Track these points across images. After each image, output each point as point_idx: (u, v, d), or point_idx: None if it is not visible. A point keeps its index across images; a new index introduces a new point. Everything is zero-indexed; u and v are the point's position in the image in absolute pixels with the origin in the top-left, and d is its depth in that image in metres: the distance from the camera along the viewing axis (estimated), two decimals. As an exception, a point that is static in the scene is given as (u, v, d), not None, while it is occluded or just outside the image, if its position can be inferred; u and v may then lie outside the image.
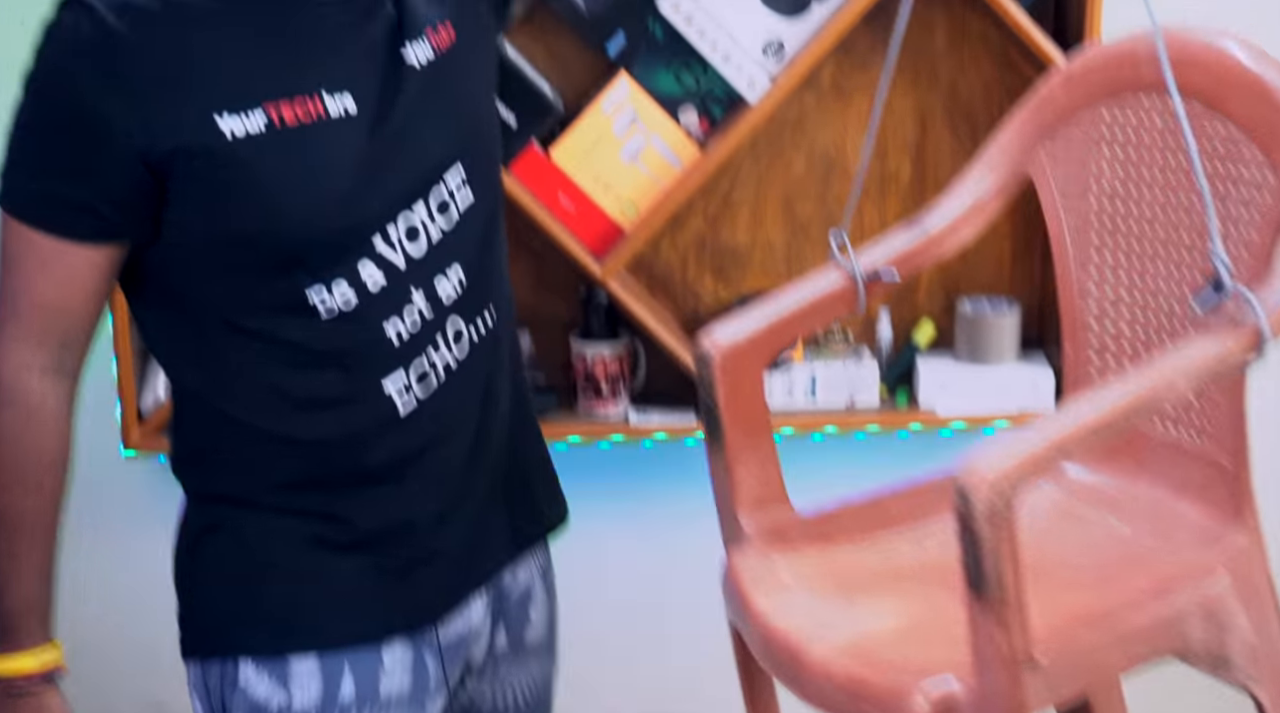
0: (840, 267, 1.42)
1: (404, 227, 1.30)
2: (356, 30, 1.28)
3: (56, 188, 1.22)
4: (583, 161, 2.04)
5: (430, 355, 1.34)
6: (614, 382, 2.13)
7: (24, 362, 1.27)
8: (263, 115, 1.23)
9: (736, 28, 2.00)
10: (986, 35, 2.11)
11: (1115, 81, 1.38)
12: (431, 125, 1.31)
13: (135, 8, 1.21)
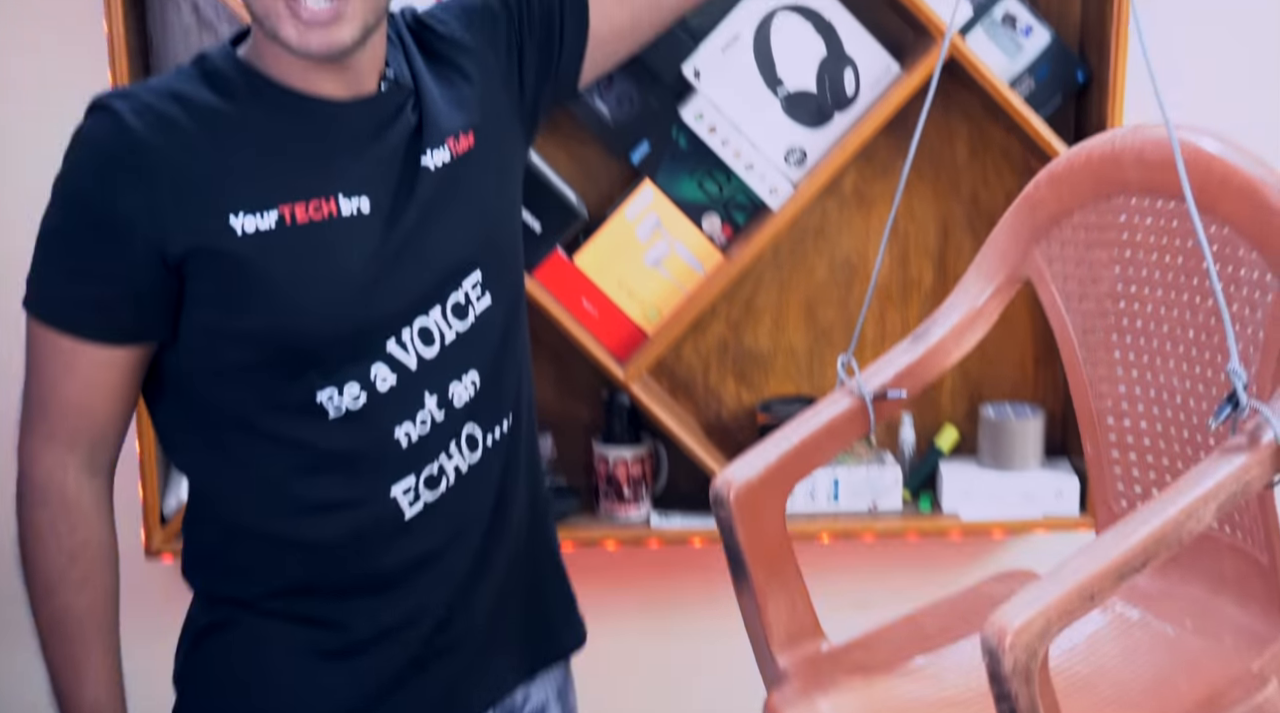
0: (848, 390, 1.42)
1: (418, 328, 1.31)
2: (377, 136, 1.30)
3: (80, 291, 1.25)
4: (606, 266, 2.06)
5: (441, 460, 1.33)
6: (636, 485, 2.12)
7: (57, 462, 1.29)
8: (276, 214, 1.25)
9: (759, 136, 2.03)
10: (1008, 146, 2.14)
11: (1101, 182, 1.38)
12: (447, 228, 1.32)
13: (157, 112, 1.24)
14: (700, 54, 1.99)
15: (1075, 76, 2.07)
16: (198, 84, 1.27)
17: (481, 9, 1.41)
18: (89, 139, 1.25)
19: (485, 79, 1.39)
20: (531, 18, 1.41)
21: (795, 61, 2.01)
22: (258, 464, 1.30)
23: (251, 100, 1.27)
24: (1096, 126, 2.04)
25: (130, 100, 1.25)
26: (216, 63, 1.29)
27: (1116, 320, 1.40)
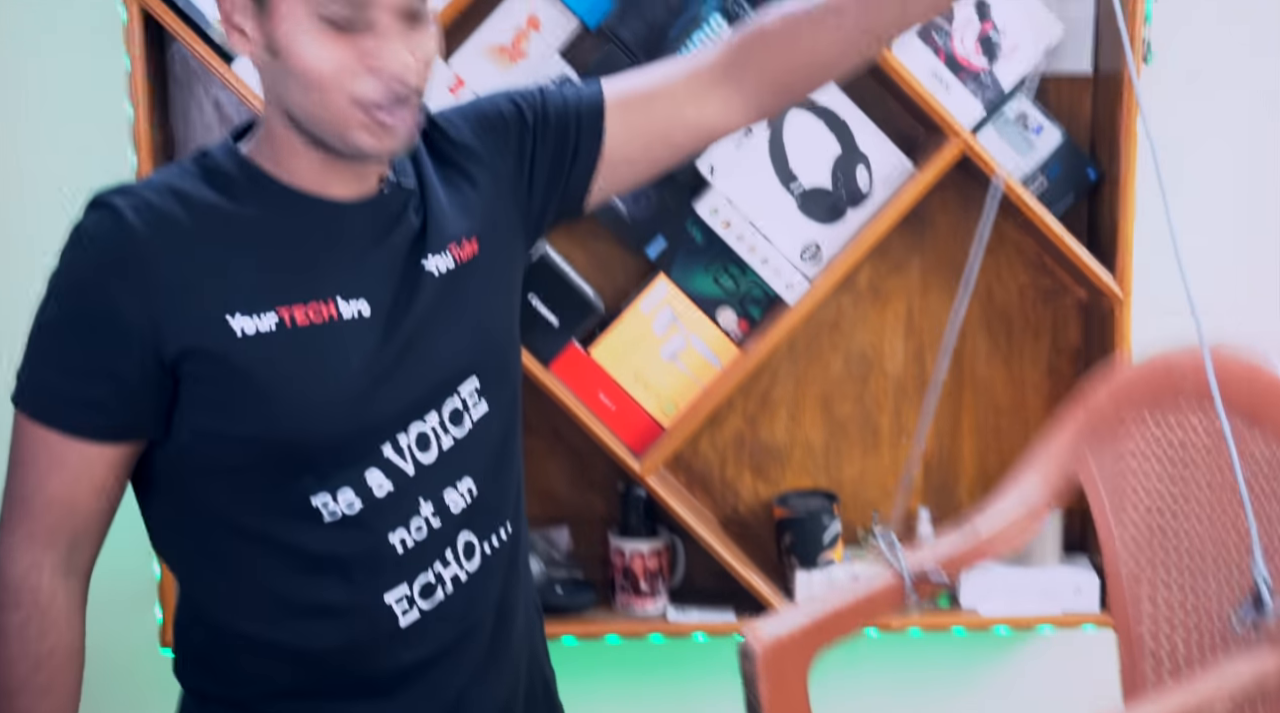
0: (890, 565, 1.43)
1: (415, 434, 1.29)
2: (380, 238, 1.29)
3: (70, 386, 1.23)
4: (623, 360, 2.07)
5: (437, 568, 1.31)
6: (652, 578, 2.11)
7: (34, 561, 1.26)
8: (274, 317, 1.24)
9: (774, 231, 2.05)
10: (1021, 243, 2.15)
11: (1158, 394, 1.41)
12: (447, 334, 1.31)
13: (157, 210, 1.22)
14: (715, 152, 2.03)
15: (1087, 175, 2.10)
16: (198, 181, 1.26)
17: (495, 116, 1.40)
18: (87, 235, 1.23)
19: (492, 187, 1.38)
20: (546, 132, 1.40)
21: (809, 158, 2.04)
22: (248, 566, 1.28)
23: (253, 199, 1.26)
24: (1109, 224, 2.06)
25: (130, 197, 1.23)
26: (218, 159, 1.28)
27: (1162, 534, 1.41)
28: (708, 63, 1.41)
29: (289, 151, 1.27)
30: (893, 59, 1.97)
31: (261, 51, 1.22)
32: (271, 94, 1.25)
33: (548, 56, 2.00)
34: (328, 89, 1.21)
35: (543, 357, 2.03)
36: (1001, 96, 2.04)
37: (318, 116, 1.23)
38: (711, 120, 1.41)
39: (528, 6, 2.00)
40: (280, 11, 1.20)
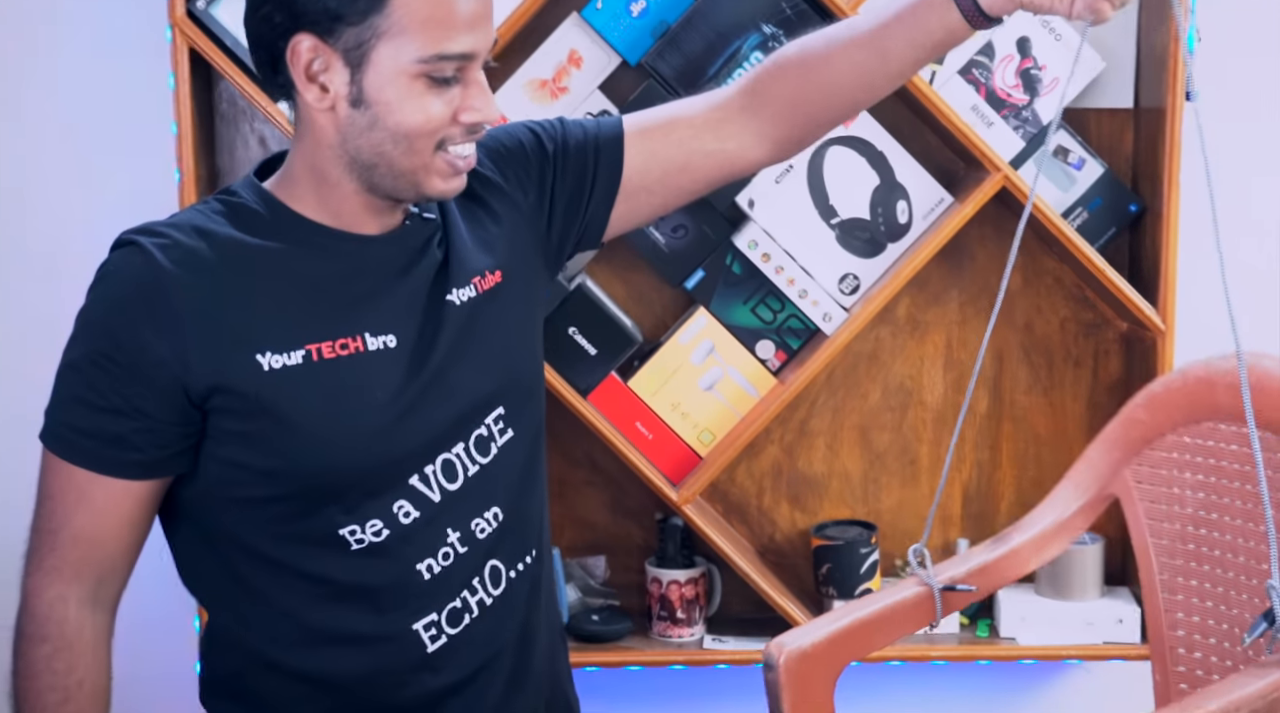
0: (918, 579, 1.41)
1: (441, 463, 1.31)
2: (405, 272, 1.30)
3: (97, 424, 1.24)
4: (661, 391, 2.08)
5: (464, 594, 1.33)
6: (689, 607, 2.12)
7: (60, 594, 1.27)
8: (302, 351, 1.25)
9: (813, 264, 2.06)
10: (1061, 275, 2.15)
11: (1195, 407, 1.39)
12: (471, 364, 1.32)
13: (184, 248, 1.24)
14: (754, 185, 2.03)
15: (1128, 208, 2.09)
16: (223, 218, 1.27)
17: (515, 147, 1.41)
18: (115, 274, 1.24)
19: (513, 218, 1.39)
20: (566, 163, 1.41)
21: (848, 191, 2.05)
22: (276, 595, 1.30)
23: (278, 235, 1.27)
24: (1150, 257, 2.05)
25: (156, 236, 1.25)
26: (243, 197, 1.30)
27: (1196, 548, 1.39)
28: (728, 94, 1.42)
29: (326, 190, 1.28)
30: (932, 94, 1.97)
31: (344, 104, 1.24)
32: (341, 142, 1.25)
33: (588, 92, 2.02)
34: (420, 138, 1.24)
35: (581, 387, 2.05)
36: (1042, 131, 2.03)
37: (400, 165, 1.25)
38: (730, 150, 1.41)
39: (570, 43, 2.01)
40: (377, 67, 1.21)
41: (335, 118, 1.25)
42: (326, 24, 1.21)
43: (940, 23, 1.29)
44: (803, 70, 1.38)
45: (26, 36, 2.09)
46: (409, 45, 1.20)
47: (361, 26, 1.20)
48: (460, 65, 1.23)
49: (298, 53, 1.22)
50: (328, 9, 1.20)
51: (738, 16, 1.97)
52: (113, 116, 2.10)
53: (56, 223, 2.11)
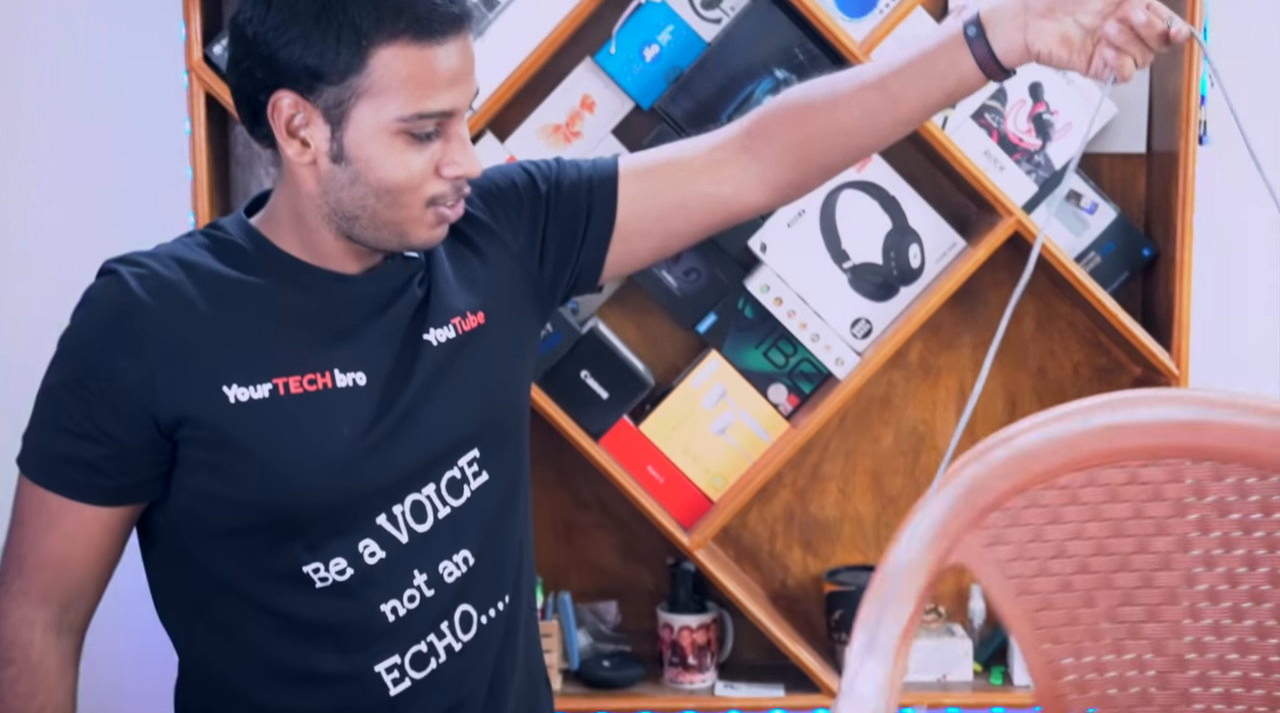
0: None
1: (410, 503, 1.30)
2: (382, 310, 1.30)
3: (67, 448, 1.25)
4: (672, 434, 2.08)
5: (430, 639, 1.31)
6: (701, 653, 2.11)
7: (25, 618, 1.27)
8: (269, 385, 1.25)
9: (825, 308, 2.05)
10: (1074, 319, 2.14)
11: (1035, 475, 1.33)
12: (446, 404, 1.31)
13: (161, 278, 1.25)
14: (767, 229, 2.03)
15: (1141, 252, 2.09)
16: (206, 252, 1.28)
17: (508, 187, 1.41)
18: (93, 301, 1.26)
19: (502, 260, 1.38)
20: (560, 205, 1.39)
21: (861, 235, 2.05)
22: (243, 629, 1.29)
23: (260, 271, 1.28)
24: (1163, 301, 2.04)
25: (136, 265, 1.26)
26: (230, 231, 1.30)
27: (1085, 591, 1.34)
28: (728, 135, 1.39)
29: (306, 233, 1.29)
30: (945, 138, 1.98)
31: (325, 159, 1.24)
32: (322, 194, 1.26)
33: (601, 136, 2.03)
34: (403, 193, 1.24)
35: (593, 431, 2.04)
36: (1054, 175, 2.04)
37: (384, 218, 1.25)
38: (726, 193, 1.37)
39: (583, 87, 2.02)
40: (358, 125, 1.22)
41: (316, 171, 1.25)
42: (307, 82, 1.21)
43: (954, 70, 1.27)
44: (808, 113, 1.34)
45: (44, 80, 2.11)
46: (389, 104, 1.20)
47: (341, 86, 1.20)
48: (440, 121, 1.23)
49: (279, 108, 1.23)
50: (308, 68, 1.20)
51: (750, 61, 1.98)
52: (129, 161, 2.11)
53: (70, 266, 2.11)
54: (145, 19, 2.07)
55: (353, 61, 1.19)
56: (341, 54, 1.19)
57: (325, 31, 1.19)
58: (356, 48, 1.19)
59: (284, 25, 1.20)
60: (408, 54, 1.20)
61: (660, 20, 2.00)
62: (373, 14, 1.19)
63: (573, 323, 2.03)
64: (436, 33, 1.20)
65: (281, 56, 1.20)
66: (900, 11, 1.97)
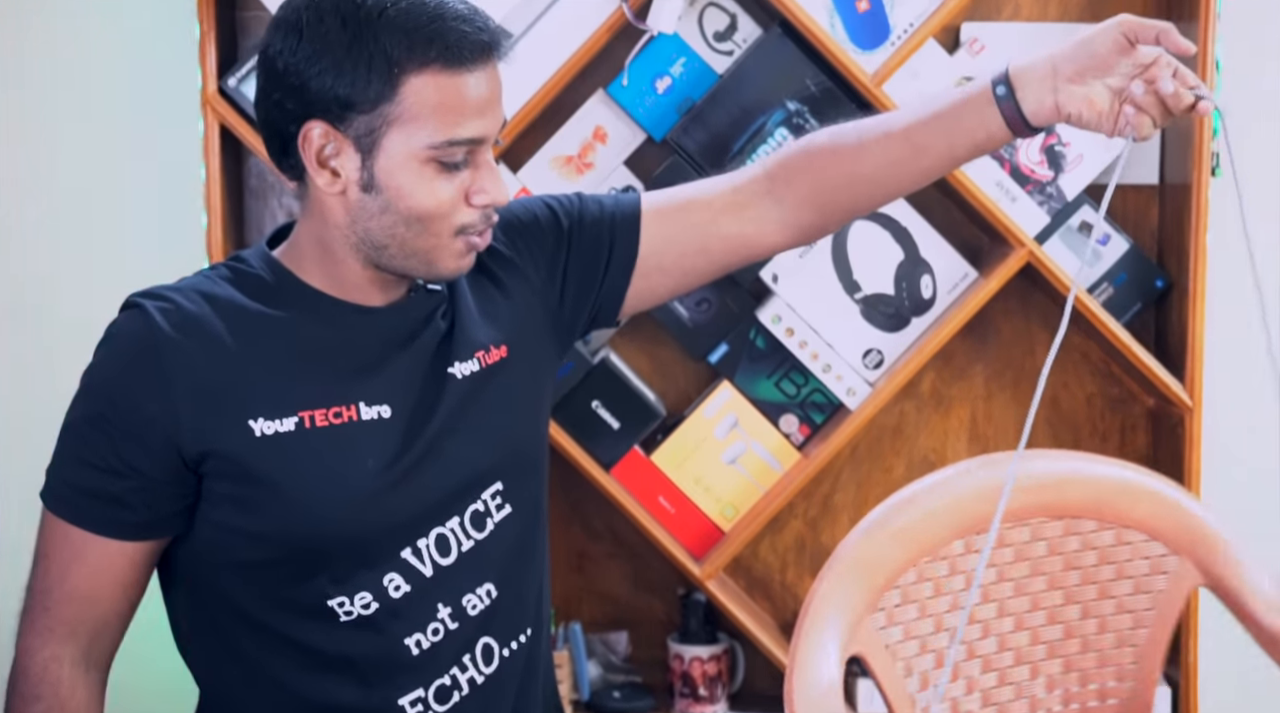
0: None
1: (434, 536, 1.30)
2: (406, 343, 1.30)
3: (92, 483, 1.25)
4: (683, 464, 2.07)
5: (454, 672, 1.31)
6: (712, 684, 2.10)
7: (53, 654, 1.27)
8: (295, 419, 1.25)
9: (836, 338, 2.05)
10: (1087, 351, 2.14)
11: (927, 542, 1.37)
12: (470, 437, 1.31)
13: (184, 312, 1.25)
14: (778, 260, 2.04)
15: (1154, 283, 2.08)
16: (230, 285, 1.28)
17: (531, 221, 1.41)
18: (117, 335, 1.26)
19: (524, 294, 1.39)
20: (582, 241, 1.41)
21: (872, 266, 2.05)
22: (265, 663, 1.29)
23: (283, 303, 1.28)
24: (1177, 333, 2.04)
25: (159, 299, 1.26)
26: (252, 264, 1.30)
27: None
28: (750, 176, 1.41)
29: (331, 264, 1.29)
30: (957, 170, 1.97)
31: (355, 188, 1.24)
32: (351, 223, 1.26)
33: (613, 167, 2.03)
34: (433, 222, 1.24)
35: (604, 461, 2.04)
36: (1066, 207, 2.04)
37: (413, 246, 1.26)
38: (748, 233, 1.39)
39: (595, 119, 2.03)
40: (388, 153, 1.22)
41: (345, 201, 1.25)
42: (338, 112, 1.22)
43: (982, 125, 1.28)
44: (833, 159, 1.36)
45: (59, 109, 2.12)
46: (420, 132, 1.21)
47: (372, 114, 1.21)
48: (470, 149, 1.24)
49: (309, 139, 1.23)
50: (339, 97, 1.21)
51: (762, 93, 1.99)
52: (143, 193, 2.12)
53: (85, 298, 2.13)
54: (161, 50, 2.08)
55: (384, 90, 1.20)
56: (373, 83, 1.20)
57: (357, 60, 1.20)
58: (388, 76, 1.20)
59: (315, 55, 1.21)
60: (439, 82, 1.21)
61: (672, 52, 2.01)
62: (404, 43, 1.20)
63: (584, 353, 2.04)
64: (467, 60, 1.22)
65: (313, 86, 1.21)
66: (912, 44, 1.97)
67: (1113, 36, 1.23)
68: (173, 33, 2.06)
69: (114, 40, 2.11)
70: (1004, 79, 1.27)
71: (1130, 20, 1.23)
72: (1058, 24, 2.07)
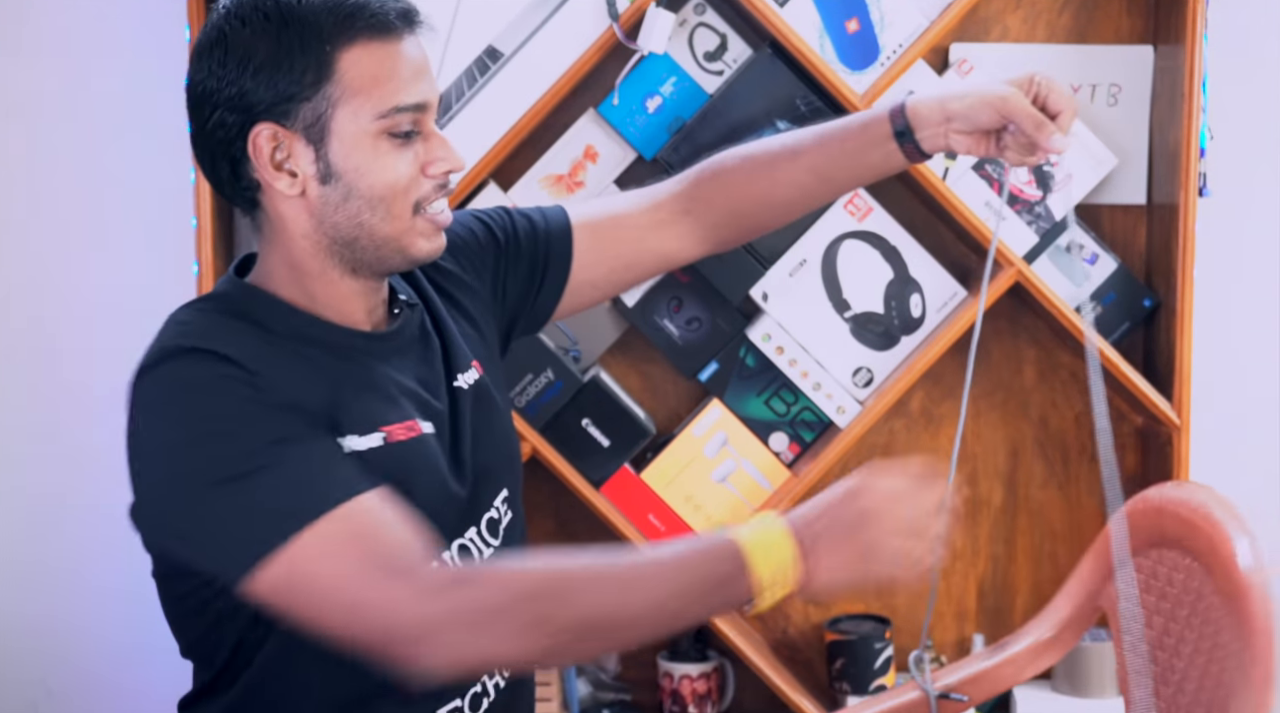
0: (917, 684, 1.47)
1: (457, 547, 1.31)
2: (421, 362, 1.32)
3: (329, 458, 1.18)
4: (674, 482, 2.08)
5: (483, 678, 1.32)
6: (701, 702, 2.10)
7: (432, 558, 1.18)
8: (380, 435, 1.25)
9: (826, 357, 2.06)
10: (1076, 369, 2.15)
11: (1151, 532, 1.43)
12: (483, 447, 1.34)
13: (234, 345, 1.20)
14: (768, 278, 2.04)
15: (1142, 302, 2.09)
16: (241, 323, 1.24)
17: (470, 240, 1.44)
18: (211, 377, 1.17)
19: (476, 307, 1.42)
20: (519, 258, 1.45)
21: (862, 285, 2.05)
22: (313, 682, 1.26)
23: (294, 335, 1.25)
24: (1165, 352, 2.05)
25: (200, 342, 1.20)
26: (255, 301, 1.27)
27: (1160, 666, 1.42)
28: (669, 195, 1.49)
29: (310, 282, 1.28)
30: (946, 189, 1.99)
31: (314, 183, 1.24)
32: (317, 225, 1.25)
33: (604, 186, 2.04)
34: (396, 200, 1.25)
35: (594, 479, 2.05)
36: (1055, 226, 2.05)
37: (381, 232, 1.26)
38: (671, 249, 1.49)
39: (586, 138, 2.04)
40: (339, 135, 1.23)
41: (307, 202, 1.25)
42: (281, 107, 1.22)
43: (884, 160, 1.42)
44: (748, 185, 1.46)
45: (47, 116, 2.13)
46: (365, 104, 1.23)
47: (316, 99, 1.22)
48: (415, 118, 1.25)
49: (258, 145, 1.23)
50: (279, 92, 1.22)
51: (753, 113, 2.00)
52: (133, 196, 2.13)
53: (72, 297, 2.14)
54: (150, 53, 2.09)
55: (322, 71, 1.22)
56: (310, 67, 1.22)
57: (290, 49, 1.21)
58: (322, 55, 1.22)
59: (246, 59, 1.22)
60: (371, 51, 1.23)
61: (663, 72, 2.02)
62: (329, 20, 1.22)
63: (574, 371, 2.04)
64: (395, 27, 1.24)
65: (250, 90, 1.22)
66: (902, 65, 1.98)
67: (997, 114, 1.36)
68: (162, 35, 2.06)
69: (103, 44, 2.11)
70: (902, 115, 1.39)
71: (1015, 106, 1.34)
72: (1045, 45, 2.08)
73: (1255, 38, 2.13)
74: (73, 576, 2.15)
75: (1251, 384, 2.19)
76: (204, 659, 1.31)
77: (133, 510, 1.23)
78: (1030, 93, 1.37)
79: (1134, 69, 2.07)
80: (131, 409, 1.22)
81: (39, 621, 2.15)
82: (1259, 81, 2.14)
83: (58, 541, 2.15)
